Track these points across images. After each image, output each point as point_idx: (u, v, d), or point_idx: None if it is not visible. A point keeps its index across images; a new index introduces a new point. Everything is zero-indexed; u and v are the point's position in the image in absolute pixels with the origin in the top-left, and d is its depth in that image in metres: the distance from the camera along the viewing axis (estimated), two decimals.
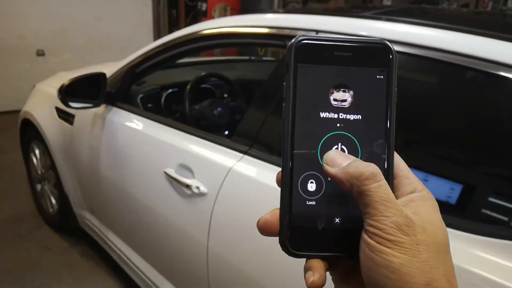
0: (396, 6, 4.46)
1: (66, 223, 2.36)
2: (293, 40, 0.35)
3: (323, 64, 0.35)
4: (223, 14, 4.91)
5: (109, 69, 1.87)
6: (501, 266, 0.78)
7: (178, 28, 5.45)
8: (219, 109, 1.97)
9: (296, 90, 0.35)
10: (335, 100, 0.35)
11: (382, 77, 0.35)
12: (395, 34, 1.05)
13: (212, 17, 4.98)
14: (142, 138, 1.59)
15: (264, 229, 0.35)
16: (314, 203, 0.35)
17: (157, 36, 5.31)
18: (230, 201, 1.24)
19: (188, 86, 1.89)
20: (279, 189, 0.36)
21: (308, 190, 0.35)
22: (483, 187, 0.99)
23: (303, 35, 0.35)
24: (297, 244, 0.35)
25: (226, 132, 1.96)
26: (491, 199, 0.98)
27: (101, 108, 1.78)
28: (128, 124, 1.66)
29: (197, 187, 1.30)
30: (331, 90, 0.35)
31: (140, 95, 1.90)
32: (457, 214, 0.94)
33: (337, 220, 0.35)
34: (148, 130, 1.57)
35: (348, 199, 0.34)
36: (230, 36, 1.52)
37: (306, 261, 0.34)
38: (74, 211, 2.18)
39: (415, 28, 1.04)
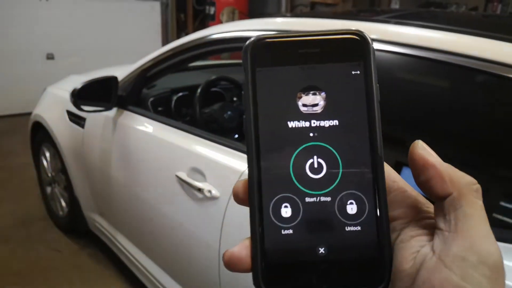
0: (405, 9, 4.46)
1: (75, 226, 2.37)
2: (248, 41, 0.30)
3: (285, 65, 0.30)
4: (231, 17, 4.93)
5: (119, 72, 1.88)
6: None
7: (186, 32, 5.51)
8: (229, 112, 1.97)
9: (256, 99, 0.30)
10: (304, 105, 0.30)
11: (358, 72, 0.30)
12: (409, 38, 1.05)
13: (220, 21, 5.01)
14: (154, 142, 1.60)
15: (231, 266, 0.29)
16: (291, 231, 0.29)
17: (165, 39, 5.34)
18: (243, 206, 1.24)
19: (199, 90, 1.89)
20: None
21: (282, 216, 0.29)
22: (494, 191, 0.98)
23: (259, 35, 0.30)
24: (274, 284, 0.28)
25: (236, 136, 1.96)
26: (502, 203, 0.97)
27: (113, 112, 1.79)
28: (140, 127, 1.67)
29: (209, 191, 1.30)
30: (298, 95, 0.30)
31: (151, 99, 1.91)
32: None
33: (321, 250, 0.29)
34: (160, 133, 1.58)
35: (333, 223, 0.29)
36: (240, 40, 1.53)
37: None
38: (84, 213, 2.19)
39: (429, 32, 1.04)
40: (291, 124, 0.29)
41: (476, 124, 1.07)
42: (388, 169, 0.29)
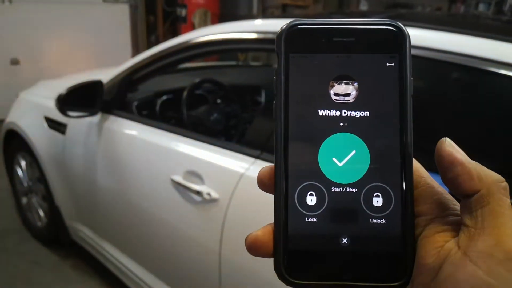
0: (383, 11, 4.58)
1: (56, 236, 2.28)
2: (283, 26, 0.30)
3: (320, 52, 0.29)
4: (204, 19, 4.90)
5: (94, 76, 1.83)
6: None
7: (157, 35, 5.43)
8: (215, 115, 1.97)
9: (288, 85, 0.29)
10: (336, 94, 0.29)
11: (393, 64, 0.29)
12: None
13: (192, 23, 4.97)
14: (145, 146, 1.57)
15: (254, 250, 0.29)
16: (315, 220, 0.29)
17: (135, 42, 5.24)
18: (244, 206, 1.23)
19: (185, 93, 1.88)
20: None
21: (307, 204, 0.29)
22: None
23: (294, 20, 0.30)
24: (296, 271, 0.28)
25: (223, 138, 1.95)
26: None
27: (97, 117, 1.74)
28: (128, 132, 1.63)
29: (208, 193, 1.29)
30: (331, 83, 0.29)
31: (135, 103, 1.87)
32: None
33: (344, 240, 0.28)
34: (150, 137, 1.55)
35: (358, 214, 0.29)
36: (227, 43, 1.54)
37: None
38: (66, 223, 2.11)
39: (431, 33, 1.07)
40: (322, 112, 0.29)
41: (482, 123, 1.11)
42: (416, 165, 0.29)
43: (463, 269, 0.24)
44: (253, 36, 1.42)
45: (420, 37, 1.06)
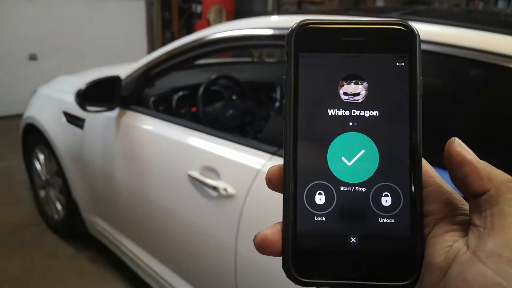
0: (390, 6, 4.53)
1: (73, 229, 2.32)
2: (293, 26, 0.30)
3: (329, 52, 0.29)
4: (219, 16, 4.91)
5: (110, 72, 1.85)
6: None
7: (171, 31, 5.45)
8: (231, 111, 1.98)
9: (298, 84, 0.29)
10: (345, 94, 0.29)
11: (403, 64, 0.29)
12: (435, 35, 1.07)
13: (207, 20, 4.98)
14: (162, 141, 1.58)
15: (263, 248, 0.29)
16: (323, 219, 0.29)
17: (150, 38, 5.28)
18: (261, 203, 1.24)
19: (201, 89, 1.89)
20: None
21: (316, 203, 0.29)
22: None
23: (304, 20, 0.30)
24: (304, 270, 0.28)
25: (238, 134, 1.96)
26: None
27: (115, 112, 1.76)
28: (146, 127, 1.65)
29: (225, 189, 1.29)
30: (340, 83, 0.29)
31: (152, 98, 1.89)
32: None
33: (353, 239, 0.28)
34: (168, 132, 1.56)
35: (366, 214, 0.29)
36: (243, 39, 1.54)
37: None
38: (83, 216, 2.14)
39: (452, 29, 1.06)
40: (331, 111, 0.29)
41: (492, 121, 1.10)
42: (425, 164, 0.29)
43: (472, 269, 0.24)
44: (269, 32, 1.42)
45: (438, 33, 1.05)
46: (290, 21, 1.45)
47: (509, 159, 1.02)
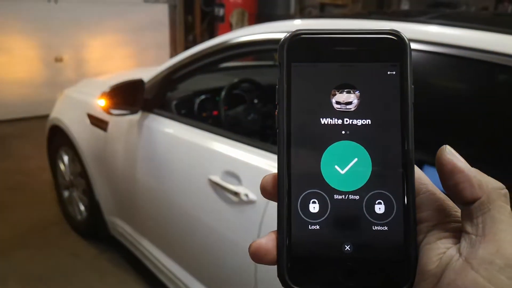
0: (415, 9, 4.45)
1: (95, 230, 2.35)
2: (285, 36, 0.30)
3: (321, 61, 0.30)
4: (241, 19, 4.92)
5: (134, 75, 1.87)
6: None
7: (194, 34, 5.49)
8: (252, 114, 1.97)
9: (290, 94, 0.30)
10: (338, 103, 0.29)
11: (394, 73, 0.29)
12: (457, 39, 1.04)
13: (229, 23, 5.00)
14: (184, 145, 1.58)
15: (258, 257, 0.29)
16: (317, 227, 0.29)
17: (173, 41, 5.33)
18: None
19: (223, 92, 1.88)
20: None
21: (309, 211, 0.29)
22: None
23: (296, 30, 0.30)
24: (299, 278, 0.28)
25: (259, 137, 1.95)
26: None
27: (137, 115, 1.77)
28: (168, 130, 1.65)
29: (246, 195, 1.28)
30: (332, 92, 0.30)
31: (174, 102, 1.90)
32: None
33: (347, 247, 0.29)
34: (189, 136, 1.56)
35: (360, 222, 0.29)
36: (266, 43, 1.52)
37: None
38: (105, 218, 2.17)
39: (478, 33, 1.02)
40: (324, 120, 0.29)
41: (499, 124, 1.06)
42: (418, 171, 0.29)
43: (465, 276, 0.25)
44: None
45: (465, 37, 1.02)
46: (313, 25, 1.44)
47: None
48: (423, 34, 1.09)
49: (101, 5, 4.69)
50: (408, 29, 1.15)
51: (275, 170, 0.30)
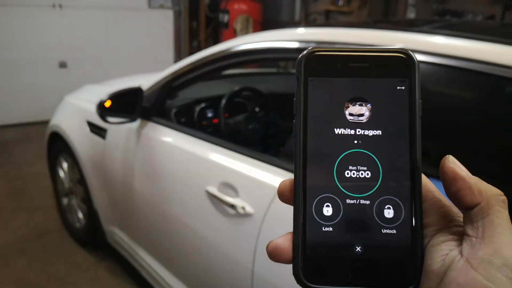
0: (421, 18, 4.41)
1: (93, 238, 2.32)
2: (303, 53, 0.32)
3: (336, 76, 0.32)
4: (246, 25, 4.90)
5: (136, 81, 1.85)
6: None
7: (198, 40, 5.49)
8: (253, 123, 1.94)
9: (307, 105, 0.32)
10: (351, 114, 0.32)
11: (403, 88, 0.32)
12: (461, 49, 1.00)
13: (234, 29, 4.99)
14: (181, 154, 1.55)
15: (275, 256, 0.32)
16: (331, 229, 0.31)
17: (178, 47, 5.33)
18: (280, 223, 1.18)
19: (224, 101, 1.86)
20: None
21: (323, 214, 0.31)
22: None
23: (313, 47, 0.32)
24: (312, 276, 0.31)
25: (259, 148, 1.92)
26: None
27: (136, 123, 1.75)
28: (166, 139, 1.62)
29: (243, 207, 1.25)
30: (346, 104, 0.32)
31: (174, 110, 1.87)
32: None
33: (358, 248, 0.31)
34: (187, 146, 1.53)
35: (370, 225, 0.31)
36: (269, 52, 1.50)
37: None
38: (103, 226, 2.14)
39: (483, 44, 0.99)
40: (338, 131, 0.32)
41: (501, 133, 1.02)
42: (424, 180, 0.32)
43: (465, 275, 0.27)
44: (295, 45, 1.38)
45: (471, 48, 0.98)
46: (316, 33, 1.40)
47: None
48: (428, 45, 1.06)
49: (105, 11, 4.70)
50: (412, 40, 1.12)
51: (273, 183, 0.31)
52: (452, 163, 0.30)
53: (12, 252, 2.38)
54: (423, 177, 0.31)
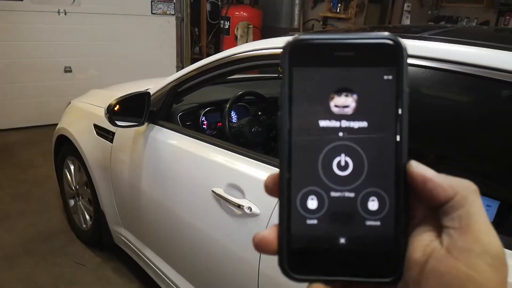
0: (417, 24, 4.49)
1: (100, 239, 2.37)
2: (287, 42, 0.31)
3: (321, 66, 0.31)
4: (246, 32, 4.98)
5: (141, 86, 1.90)
6: None
7: (200, 46, 5.56)
8: (257, 127, 1.99)
9: (292, 97, 0.31)
10: (336, 106, 0.31)
11: (390, 77, 0.30)
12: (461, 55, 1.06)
13: (234, 35, 5.06)
14: (188, 157, 1.61)
15: (261, 247, 0.32)
16: (315, 222, 0.31)
17: (180, 53, 5.40)
18: None
19: (228, 105, 1.91)
20: None
21: (308, 207, 0.31)
22: None
23: (297, 36, 0.31)
24: (297, 267, 0.31)
25: (263, 151, 1.97)
26: None
27: (143, 126, 1.81)
28: (173, 142, 1.68)
29: (249, 208, 1.30)
30: (331, 95, 0.31)
31: (180, 113, 1.93)
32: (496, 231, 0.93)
33: (342, 240, 0.31)
34: (194, 148, 1.59)
35: (355, 217, 0.31)
36: (270, 57, 1.55)
37: (308, 285, 0.31)
38: (109, 227, 2.19)
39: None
40: (322, 123, 0.31)
41: (502, 138, 1.07)
42: (421, 166, 0.31)
43: (445, 263, 0.28)
44: None
45: (468, 54, 1.04)
46: None
47: None
48: (425, 51, 1.12)
49: (109, 16, 4.77)
50: (411, 45, 1.18)
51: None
52: (416, 167, 0.30)
53: (19, 253, 2.42)
54: (413, 169, 0.31)
